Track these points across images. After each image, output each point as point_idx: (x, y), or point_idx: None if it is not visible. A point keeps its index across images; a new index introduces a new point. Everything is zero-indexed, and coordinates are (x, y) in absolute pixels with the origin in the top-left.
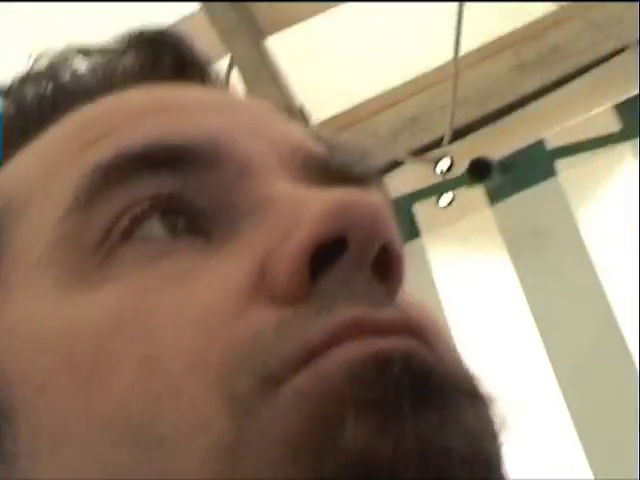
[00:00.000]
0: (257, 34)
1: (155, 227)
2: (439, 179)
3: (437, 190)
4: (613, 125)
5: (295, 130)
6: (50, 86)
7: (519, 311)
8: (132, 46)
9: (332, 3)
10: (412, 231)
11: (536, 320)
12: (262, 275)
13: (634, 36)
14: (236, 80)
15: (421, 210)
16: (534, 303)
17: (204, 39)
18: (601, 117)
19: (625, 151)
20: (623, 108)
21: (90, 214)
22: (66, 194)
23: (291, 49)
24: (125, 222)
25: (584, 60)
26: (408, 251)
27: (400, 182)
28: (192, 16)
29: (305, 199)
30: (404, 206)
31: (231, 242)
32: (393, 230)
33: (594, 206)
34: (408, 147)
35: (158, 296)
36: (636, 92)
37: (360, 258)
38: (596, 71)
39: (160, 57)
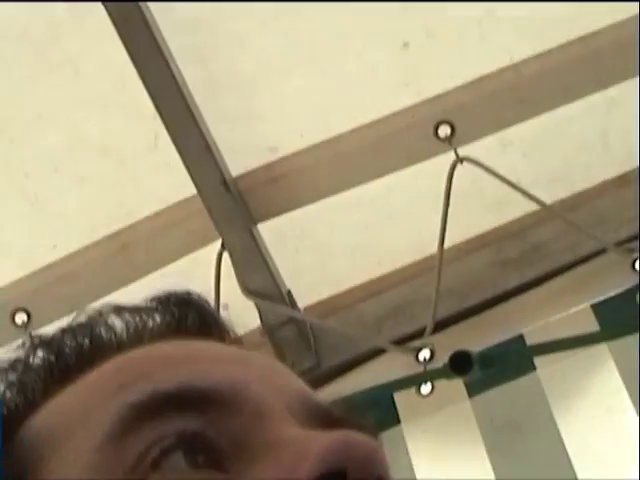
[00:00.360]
0: (249, 221)
1: (179, 459)
2: (421, 368)
3: (418, 380)
4: (591, 324)
5: (298, 381)
6: (87, 339)
7: None
8: (161, 306)
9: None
10: (392, 418)
11: None
12: None
13: (613, 238)
14: (227, 264)
15: (402, 398)
16: None
17: (198, 223)
18: (580, 316)
19: (603, 350)
20: (600, 309)
21: (124, 444)
22: (103, 427)
23: (281, 236)
24: (155, 453)
25: (564, 259)
26: (388, 438)
27: (382, 370)
28: (187, 200)
29: (311, 438)
30: (386, 393)
31: (245, 475)
32: (386, 465)
33: (573, 402)
34: (391, 336)
35: None
36: (613, 293)
37: None
38: (575, 271)
39: (185, 317)
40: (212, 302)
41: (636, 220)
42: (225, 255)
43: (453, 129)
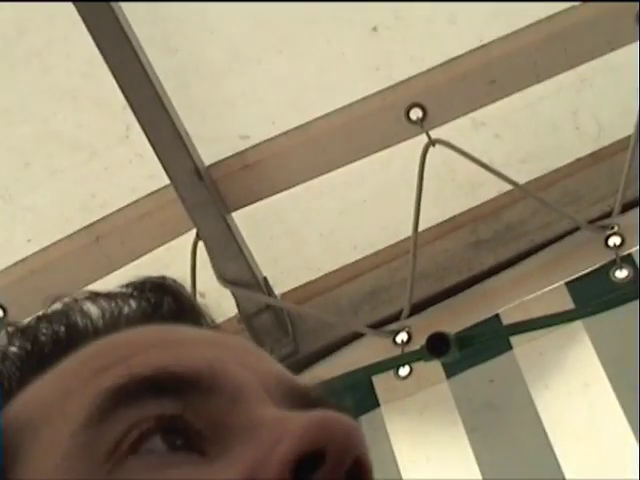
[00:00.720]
0: (223, 209)
1: (157, 443)
2: (398, 351)
3: (396, 363)
4: (566, 302)
5: (275, 363)
6: (63, 326)
7: None
8: (136, 292)
9: (295, 181)
10: (371, 401)
11: None
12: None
13: (586, 216)
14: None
15: (380, 381)
16: (489, 477)
17: (171, 213)
18: (554, 294)
19: (578, 327)
20: (575, 286)
21: (102, 429)
22: (81, 411)
23: (256, 224)
24: (134, 437)
25: (538, 239)
26: (368, 421)
27: (360, 354)
28: (160, 191)
29: (289, 419)
30: (364, 377)
31: (224, 457)
32: (365, 446)
33: (549, 380)
34: (368, 320)
35: None
36: (587, 271)
37: (336, 468)
38: (549, 250)
39: (161, 303)
40: (188, 287)
41: (608, 197)
42: (200, 244)
43: (425, 112)
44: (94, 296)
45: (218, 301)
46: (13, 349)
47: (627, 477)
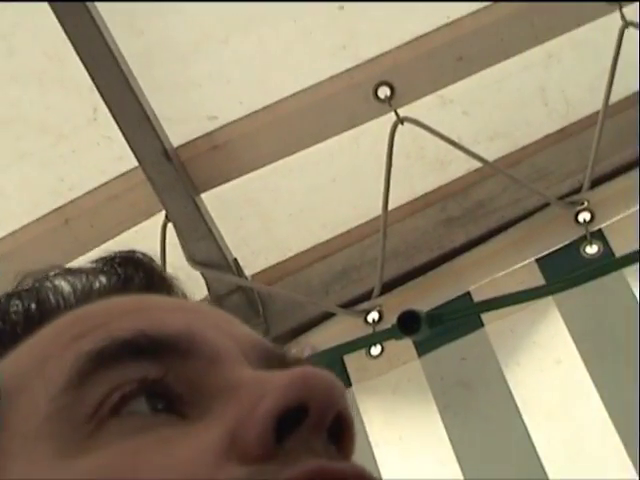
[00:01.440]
0: (192, 191)
1: (140, 405)
2: (370, 330)
3: (367, 342)
4: (537, 278)
5: (249, 329)
6: (34, 303)
7: (448, 462)
8: (107, 267)
9: (264, 162)
10: (343, 381)
11: (464, 472)
12: (234, 439)
13: (556, 192)
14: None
15: (352, 360)
16: (462, 454)
17: (140, 195)
18: (525, 271)
19: (549, 303)
20: (545, 263)
21: (82, 392)
22: (60, 375)
23: (225, 205)
24: (115, 399)
25: (508, 216)
26: None
27: (332, 333)
28: (129, 173)
29: (268, 377)
30: (336, 356)
31: (204, 418)
32: (346, 400)
33: (521, 357)
34: (339, 299)
35: (143, 457)
36: (557, 247)
37: (319, 423)
38: (519, 226)
39: (132, 276)
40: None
41: (577, 173)
42: (170, 226)
43: (392, 90)
44: (64, 272)
45: (188, 283)
46: None
47: (598, 452)
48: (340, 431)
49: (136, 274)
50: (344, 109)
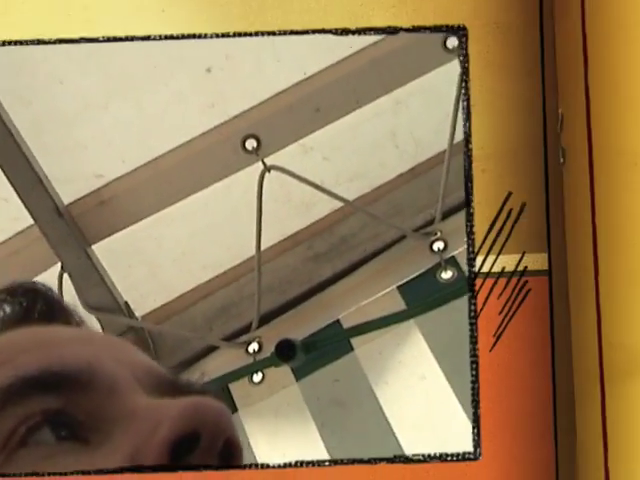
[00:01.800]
0: (83, 243)
1: (45, 435)
2: (251, 359)
3: (249, 370)
4: (398, 304)
5: (142, 354)
6: None
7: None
8: (9, 297)
9: (147, 213)
10: (229, 407)
11: None
12: (133, 463)
13: (411, 225)
14: (68, 283)
15: (237, 388)
16: None
17: (37, 250)
18: (388, 298)
19: (411, 326)
20: (405, 289)
21: None
22: None
23: (114, 254)
24: (22, 431)
25: (369, 248)
26: None
27: (216, 364)
28: (26, 231)
29: (163, 406)
30: (221, 385)
31: (106, 444)
32: (233, 426)
33: (389, 376)
34: (222, 333)
35: None
36: (415, 274)
37: (210, 449)
38: (380, 258)
39: (34, 305)
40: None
41: (429, 207)
42: (65, 276)
43: (259, 142)
44: None
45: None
46: None
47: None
48: (229, 455)
49: (38, 303)
50: (216, 161)
